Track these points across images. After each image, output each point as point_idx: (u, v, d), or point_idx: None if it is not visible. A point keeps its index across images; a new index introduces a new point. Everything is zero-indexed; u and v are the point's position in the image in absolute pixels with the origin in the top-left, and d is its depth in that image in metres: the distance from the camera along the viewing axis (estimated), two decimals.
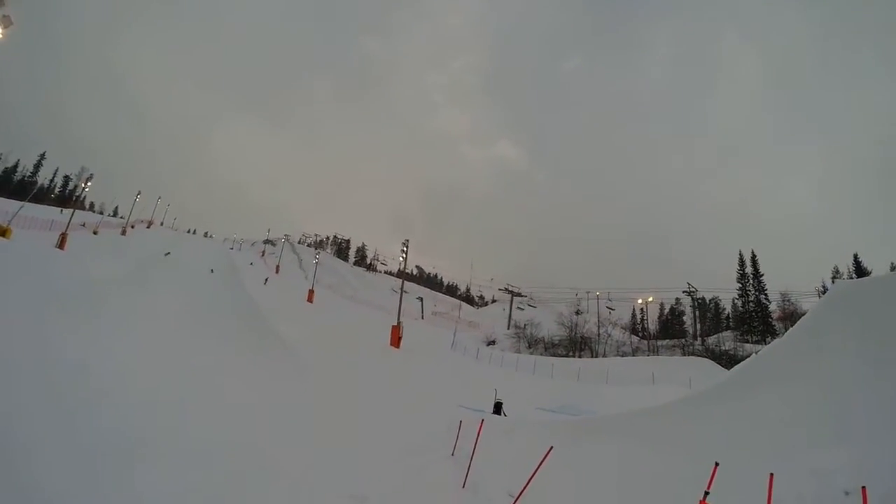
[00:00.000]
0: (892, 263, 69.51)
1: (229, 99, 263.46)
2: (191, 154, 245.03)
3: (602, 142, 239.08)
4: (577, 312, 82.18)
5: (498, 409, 21.77)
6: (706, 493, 6.14)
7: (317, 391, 19.07)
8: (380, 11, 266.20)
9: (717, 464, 6.50)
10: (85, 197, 79.59)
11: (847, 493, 7.16)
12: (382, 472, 11.51)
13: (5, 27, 23.88)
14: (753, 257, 78.80)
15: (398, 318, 44.36)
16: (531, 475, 8.48)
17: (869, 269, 70.22)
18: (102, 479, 8.73)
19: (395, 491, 10.39)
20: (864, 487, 5.23)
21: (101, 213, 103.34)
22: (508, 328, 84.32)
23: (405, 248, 50.63)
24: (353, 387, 21.49)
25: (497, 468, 10.65)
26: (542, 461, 8.47)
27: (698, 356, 61.92)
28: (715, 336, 77.10)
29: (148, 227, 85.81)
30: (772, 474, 5.85)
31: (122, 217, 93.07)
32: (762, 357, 12.87)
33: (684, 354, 66.16)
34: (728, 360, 54.86)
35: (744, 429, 10.06)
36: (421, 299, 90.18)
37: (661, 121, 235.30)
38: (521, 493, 8.54)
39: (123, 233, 64.19)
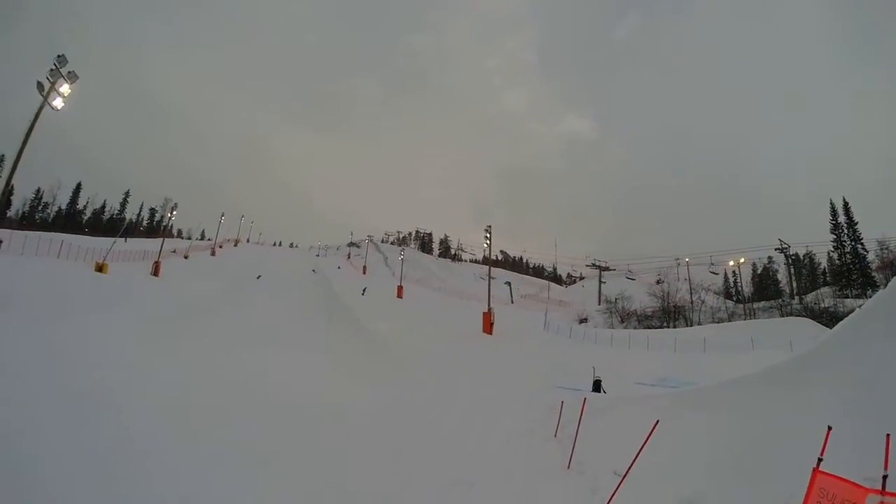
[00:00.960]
0: None
1: (283, 111, 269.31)
2: (258, 171, 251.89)
3: (671, 101, 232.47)
4: (658, 282, 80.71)
5: (597, 386, 21.81)
6: (819, 460, 6.13)
7: (416, 383, 19.62)
8: (420, 8, 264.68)
9: (829, 428, 6.45)
10: (172, 225, 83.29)
11: None
12: (487, 457, 11.75)
13: (71, 82, 25.58)
14: (846, 205, 74.67)
15: (488, 305, 44.75)
16: (637, 452, 8.52)
17: None
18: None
19: (501, 476, 10.54)
20: None
21: (189, 237, 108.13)
22: (599, 304, 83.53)
23: (488, 234, 50.98)
24: (450, 375, 21.94)
25: (600, 447, 10.68)
26: (648, 437, 8.51)
27: (797, 316, 59.96)
28: (813, 293, 74.20)
29: (235, 245, 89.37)
30: (888, 435, 5.78)
31: (209, 239, 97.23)
32: (865, 312, 12.22)
33: (782, 315, 63.89)
34: (829, 318, 53.12)
35: (854, 391, 9.69)
36: (509, 284, 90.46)
37: (725, 72, 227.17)
38: (627, 471, 8.61)
39: (213, 253, 67.19)
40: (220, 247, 75.69)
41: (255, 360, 16.59)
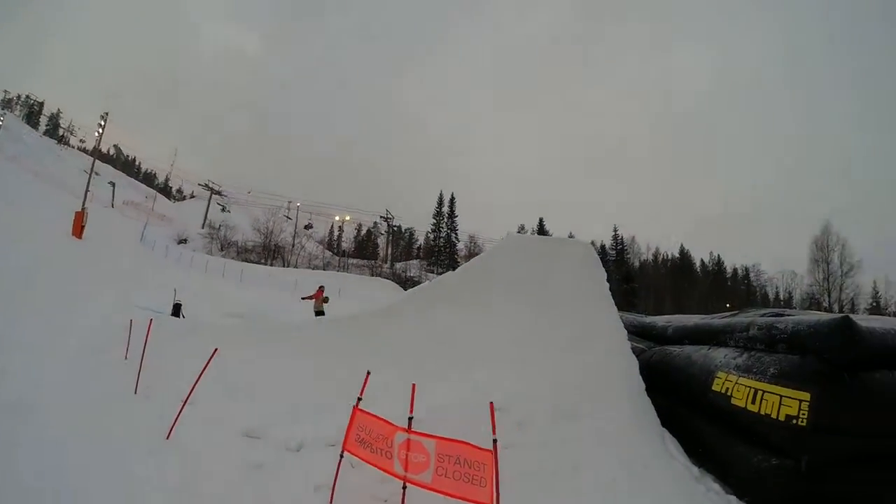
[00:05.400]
0: (571, 232, 79.24)
1: None
2: None
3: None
4: (307, 226, 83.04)
5: (177, 310, 21.70)
6: (359, 399, 7.22)
7: None
8: None
9: (368, 372, 7.59)
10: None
11: (500, 409, 8.77)
12: (49, 377, 11.00)
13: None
14: (452, 199, 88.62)
15: (83, 203, 40.94)
16: (197, 378, 8.91)
17: (551, 231, 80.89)
18: None
19: (64, 400, 9.96)
20: (491, 403, 6.11)
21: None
22: (203, 227, 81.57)
23: (103, 122, 46.32)
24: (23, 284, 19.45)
25: (170, 372, 10.73)
26: (207, 364, 8.93)
27: (385, 278, 66.08)
28: (404, 262, 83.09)
29: None
30: (413, 384, 7.07)
31: None
32: (436, 283, 14.99)
33: (373, 275, 70.05)
34: (412, 286, 59.27)
35: (407, 344, 11.66)
36: (113, 184, 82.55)
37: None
38: (188, 397, 8.96)
39: None
40: None
41: None
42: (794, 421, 8.20)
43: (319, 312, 21.81)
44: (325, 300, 22.61)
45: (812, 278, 70.84)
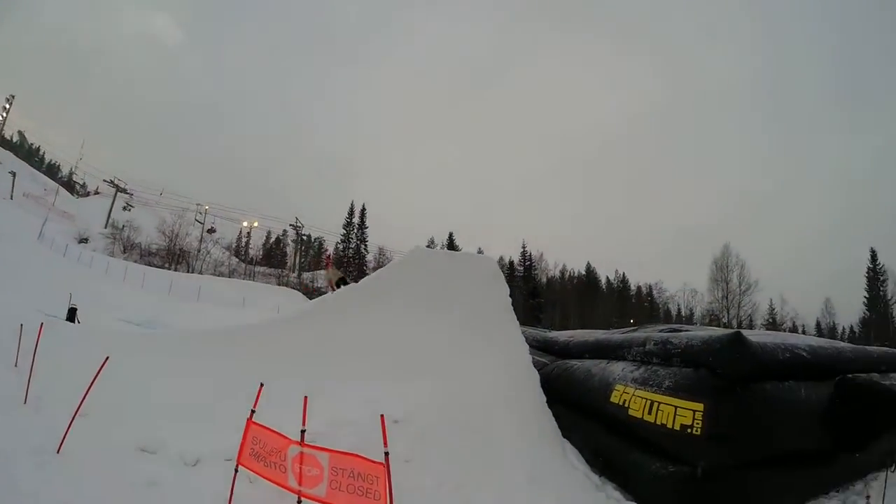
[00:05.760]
0: (480, 248, 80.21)
1: None
2: None
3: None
4: (210, 230, 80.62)
5: (72, 315, 20.74)
6: (252, 412, 7.08)
7: None
8: None
9: (262, 384, 7.46)
10: None
11: (396, 421, 8.59)
12: None
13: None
14: (363, 210, 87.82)
15: None
16: (87, 388, 8.56)
17: (461, 246, 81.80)
18: None
19: None
20: (382, 415, 6.08)
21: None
22: (106, 227, 77.94)
23: (7, 105, 43.66)
24: None
25: (63, 381, 9.93)
26: (98, 373, 8.59)
27: (292, 288, 65.31)
28: (311, 272, 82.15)
29: None
30: (306, 397, 7.00)
31: None
32: (340, 294, 14.87)
33: (279, 284, 69.02)
34: (318, 294, 58.88)
35: (310, 354, 11.40)
36: (13, 174, 76.67)
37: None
38: (78, 408, 8.57)
39: None
40: None
41: None
42: (690, 430, 8.68)
43: (341, 281, 20.10)
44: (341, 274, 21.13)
45: (712, 296, 74.22)
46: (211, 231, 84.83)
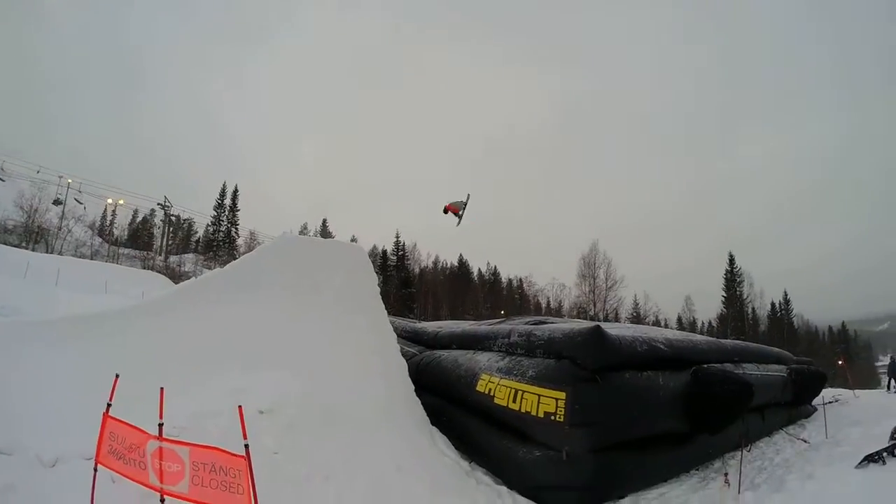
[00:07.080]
0: (354, 235, 79.80)
1: None
2: None
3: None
4: (56, 202, 73.69)
5: None
6: (109, 405, 6.66)
7: None
8: None
9: (117, 376, 7.02)
10: None
11: (261, 412, 8.40)
12: None
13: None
14: (235, 191, 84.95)
15: None
16: None
17: (335, 233, 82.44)
18: None
19: None
20: (240, 406, 5.83)
21: None
22: None
23: None
24: None
25: None
26: None
27: (158, 272, 62.52)
28: (179, 256, 78.62)
29: None
30: (162, 388, 6.63)
31: None
32: (204, 279, 14.26)
33: (144, 267, 65.64)
34: (184, 279, 56.71)
35: (171, 344, 10.68)
36: None
37: None
38: None
39: None
40: None
41: None
42: (553, 417, 9.24)
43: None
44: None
45: (580, 290, 76.45)
46: (57, 202, 77.67)
